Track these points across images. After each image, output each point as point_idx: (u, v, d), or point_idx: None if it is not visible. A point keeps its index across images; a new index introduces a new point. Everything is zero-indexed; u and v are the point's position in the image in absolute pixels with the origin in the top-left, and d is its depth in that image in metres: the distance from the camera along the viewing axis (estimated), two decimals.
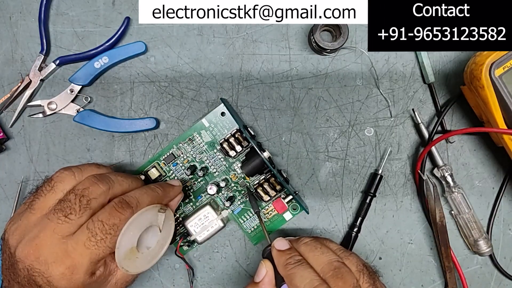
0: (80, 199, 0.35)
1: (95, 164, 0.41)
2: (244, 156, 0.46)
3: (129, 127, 0.47)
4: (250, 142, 0.43)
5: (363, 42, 0.48)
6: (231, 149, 0.44)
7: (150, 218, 0.39)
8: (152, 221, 0.39)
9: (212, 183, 0.46)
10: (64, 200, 0.36)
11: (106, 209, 0.36)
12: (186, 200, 0.47)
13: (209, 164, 0.47)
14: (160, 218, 0.40)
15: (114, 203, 0.36)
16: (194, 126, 0.47)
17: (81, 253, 0.34)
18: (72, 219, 0.35)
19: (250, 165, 0.44)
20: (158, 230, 0.40)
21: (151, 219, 0.39)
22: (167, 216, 0.41)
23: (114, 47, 0.47)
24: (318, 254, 0.37)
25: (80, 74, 0.46)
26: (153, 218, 0.39)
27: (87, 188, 0.36)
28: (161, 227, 0.40)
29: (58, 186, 0.37)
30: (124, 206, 0.36)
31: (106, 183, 0.37)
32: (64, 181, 0.37)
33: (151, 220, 0.39)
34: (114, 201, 0.36)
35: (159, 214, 0.40)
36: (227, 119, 0.47)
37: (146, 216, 0.38)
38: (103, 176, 0.38)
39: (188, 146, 0.47)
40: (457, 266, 0.47)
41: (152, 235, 0.40)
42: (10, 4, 0.48)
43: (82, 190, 0.36)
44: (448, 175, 0.46)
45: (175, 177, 0.47)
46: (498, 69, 0.40)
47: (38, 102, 0.47)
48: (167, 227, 0.41)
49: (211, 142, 0.47)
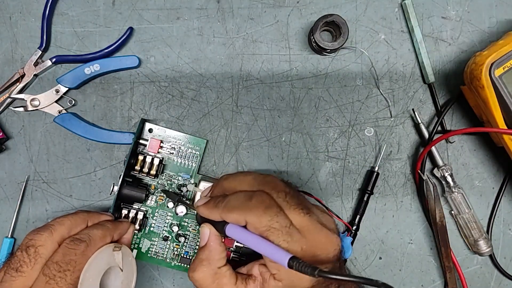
0: (26, 250, 0.36)
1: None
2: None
3: (107, 138, 0.47)
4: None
5: (363, 42, 0.48)
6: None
7: (106, 259, 0.38)
8: (110, 262, 0.38)
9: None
10: (11, 257, 0.36)
11: (59, 250, 0.36)
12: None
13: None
14: (118, 257, 0.38)
15: (65, 243, 0.36)
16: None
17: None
18: (25, 271, 0.35)
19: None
20: (119, 270, 0.39)
21: (108, 260, 0.38)
22: (124, 253, 0.39)
23: (110, 56, 0.47)
24: (241, 177, 0.38)
25: (69, 76, 0.46)
26: (110, 259, 0.38)
27: (30, 239, 0.36)
28: (121, 266, 0.38)
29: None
30: (76, 242, 0.36)
31: (46, 228, 0.37)
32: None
33: (108, 261, 0.38)
34: (65, 241, 0.37)
35: (115, 253, 0.38)
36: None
37: (101, 258, 0.37)
38: (43, 225, 0.38)
39: None
40: (457, 266, 0.47)
41: (115, 277, 0.39)
42: (10, 4, 0.48)
43: (26, 243, 0.36)
44: (448, 175, 0.46)
45: None
46: (498, 69, 0.40)
47: (22, 96, 0.47)
48: (127, 265, 0.39)
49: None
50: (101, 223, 0.40)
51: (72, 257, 0.35)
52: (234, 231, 0.35)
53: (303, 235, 0.34)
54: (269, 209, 0.34)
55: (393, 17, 0.48)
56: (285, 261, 0.30)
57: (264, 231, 0.33)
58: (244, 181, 0.38)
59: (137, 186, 0.45)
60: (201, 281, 0.36)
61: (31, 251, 0.36)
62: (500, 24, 0.48)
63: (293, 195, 0.36)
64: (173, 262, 0.47)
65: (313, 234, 0.35)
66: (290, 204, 0.35)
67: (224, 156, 0.48)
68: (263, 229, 0.33)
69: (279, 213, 0.34)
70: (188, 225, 0.47)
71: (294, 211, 0.35)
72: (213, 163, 0.48)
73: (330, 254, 0.35)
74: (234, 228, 0.35)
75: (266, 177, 0.37)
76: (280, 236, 0.33)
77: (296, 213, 0.35)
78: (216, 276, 0.36)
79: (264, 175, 0.38)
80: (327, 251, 0.35)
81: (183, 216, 0.46)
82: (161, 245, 0.46)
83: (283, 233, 0.33)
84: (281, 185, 0.37)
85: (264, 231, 0.33)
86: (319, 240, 0.35)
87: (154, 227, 0.46)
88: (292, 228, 0.34)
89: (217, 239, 0.37)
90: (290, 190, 0.36)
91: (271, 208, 0.34)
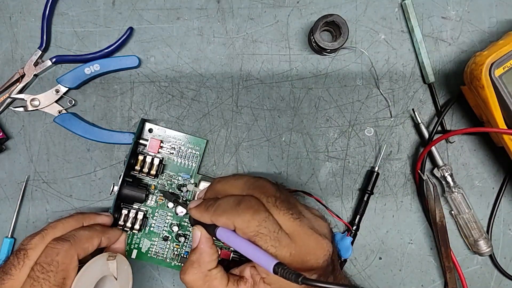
0: (16, 253, 0.37)
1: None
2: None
3: (107, 138, 0.47)
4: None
5: (363, 42, 0.48)
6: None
7: (100, 268, 0.38)
8: (104, 271, 0.38)
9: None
10: (5, 261, 0.37)
11: (43, 252, 0.36)
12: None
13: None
14: (112, 266, 0.38)
15: (49, 243, 0.37)
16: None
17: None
18: (13, 274, 0.35)
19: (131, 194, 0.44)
20: (113, 279, 0.39)
21: (101, 270, 0.38)
22: (119, 261, 0.39)
23: (110, 56, 0.47)
24: (233, 181, 0.38)
25: (69, 76, 0.46)
26: (104, 268, 0.38)
27: (23, 244, 0.37)
28: (115, 275, 0.38)
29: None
30: (59, 241, 0.37)
31: (38, 232, 0.38)
32: None
33: (102, 270, 0.38)
34: (50, 242, 0.37)
35: (109, 262, 0.38)
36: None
37: (94, 267, 0.37)
38: (38, 230, 0.39)
39: None
40: (457, 266, 0.47)
41: (110, 286, 0.39)
42: (10, 4, 0.48)
43: (19, 247, 0.37)
44: (448, 175, 0.46)
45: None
46: (498, 69, 0.40)
47: (22, 96, 0.47)
48: (123, 273, 0.39)
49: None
50: (90, 226, 0.41)
51: (54, 257, 0.36)
52: (224, 235, 0.35)
53: (292, 240, 0.34)
54: (257, 214, 0.34)
55: (393, 17, 0.48)
56: (270, 267, 0.30)
57: (252, 236, 0.33)
58: (235, 185, 0.37)
59: (137, 186, 0.45)
60: (192, 283, 0.36)
61: (21, 254, 0.36)
62: (500, 24, 0.48)
63: (283, 199, 0.35)
64: (173, 262, 0.47)
65: (302, 239, 0.34)
66: (280, 209, 0.34)
67: (224, 156, 0.48)
68: (251, 234, 0.33)
69: (267, 218, 0.34)
70: (188, 225, 0.47)
71: (283, 216, 0.34)
72: (213, 163, 0.48)
73: (319, 260, 0.35)
74: (224, 231, 0.35)
75: (257, 181, 0.37)
76: (268, 241, 0.33)
77: (285, 218, 0.34)
78: (206, 278, 0.36)
79: (255, 178, 0.37)
80: (316, 257, 0.35)
81: (183, 216, 0.46)
82: (161, 245, 0.46)
83: (271, 238, 0.33)
84: (272, 190, 0.36)
85: (252, 236, 0.33)
86: (308, 245, 0.34)
87: (154, 227, 0.46)
88: (281, 233, 0.34)
89: (208, 242, 0.37)
90: (280, 195, 0.36)
91: (259, 213, 0.34)
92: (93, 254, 0.40)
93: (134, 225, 0.45)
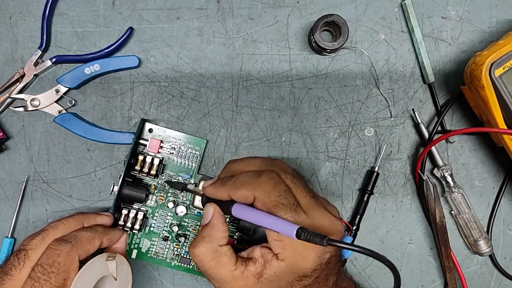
0: (17, 254, 0.36)
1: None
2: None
3: (107, 138, 0.46)
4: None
5: (363, 42, 0.48)
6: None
7: (99, 269, 0.38)
8: (103, 271, 0.38)
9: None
10: (5, 262, 0.37)
11: (44, 252, 0.36)
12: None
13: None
14: (111, 267, 0.38)
15: (51, 244, 0.37)
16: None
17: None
18: (14, 274, 0.35)
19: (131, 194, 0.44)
20: (113, 279, 0.38)
21: (101, 270, 0.38)
22: (119, 262, 0.39)
23: (110, 56, 0.47)
24: (249, 160, 0.38)
25: (68, 76, 0.46)
26: (103, 269, 0.38)
27: (23, 244, 0.37)
28: (115, 275, 0.38)
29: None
30: (61, 242, 0.37)
31: (39, 233, 0.38)
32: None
33: (101, 270, 0.38)
34: (51, 242, 0.37)
35: (109, 262, 0.38)
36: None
37: (93, 267, 0.37)
38: (39, 230, 0.39)
39: None
40: (457, 266, 0.47)
41: (109, 286, 0.39)
42: (10, 4, 0.48)
43: (19, 247, 0.37)
44: (448, 175, 0.46)
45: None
46: (498, 69, 0.40)
47: (22, 96, 0.47)
48: (122, 273, 0.39)
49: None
50: (91, 226, 0.41)
51: (55, 259, 0.36)
52: (240, 209, 0.35)
53: (308, 216, 0.34)
54: (279, 185, 0.34)
55: (393, 17, 0.48)
56: (293, 232, 0.30)
57: (272, 206, 0.34)
58: (252, 163, 0.38)
59: (137, 186, 0.45)
60: (201, 256, 0.36)
61: (21, 255, 0.36)
62: (500, 24, 0.48)
63: (300, 178, 0.37)
64: (173, 262, 0.47)
65: (318, 216, 0.35)
66: (298, 185, 0.36)
67: (224, 156, 0.48)
68: (271, 205, 0.34)
69: (287, 191, 0.34)
70: (188, 225, 0.47)
71: (301, 193, 0.35)
72: (213, 163, 0.48)
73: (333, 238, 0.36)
74: (240, 207, 0.35)
75: (274, 160, 0.38)
76: (288, 212, 0.33)
77: (302, 195, 0.35)
78: (216, 253, 0.36)
79: (272, 158, 0.38)
80: (329, 235, 0.35)
81: (183, 216, 0.46)
82: (161, 245, 0.46)
83: (290, 209, 0.34)
84: (289, 168, 0.37)
85: (272, 207, 0.34)
86: (323, 224, 0.35)
87: (154, 227, 0.46)
88: (299, 207, 0.34)
89: (220, 218, 0.37)
90: (297, 174, 0.37)
91: (280, 184, 0.34)
92: (93, 254, 0.40)
93: (134, 225, 0.45)
